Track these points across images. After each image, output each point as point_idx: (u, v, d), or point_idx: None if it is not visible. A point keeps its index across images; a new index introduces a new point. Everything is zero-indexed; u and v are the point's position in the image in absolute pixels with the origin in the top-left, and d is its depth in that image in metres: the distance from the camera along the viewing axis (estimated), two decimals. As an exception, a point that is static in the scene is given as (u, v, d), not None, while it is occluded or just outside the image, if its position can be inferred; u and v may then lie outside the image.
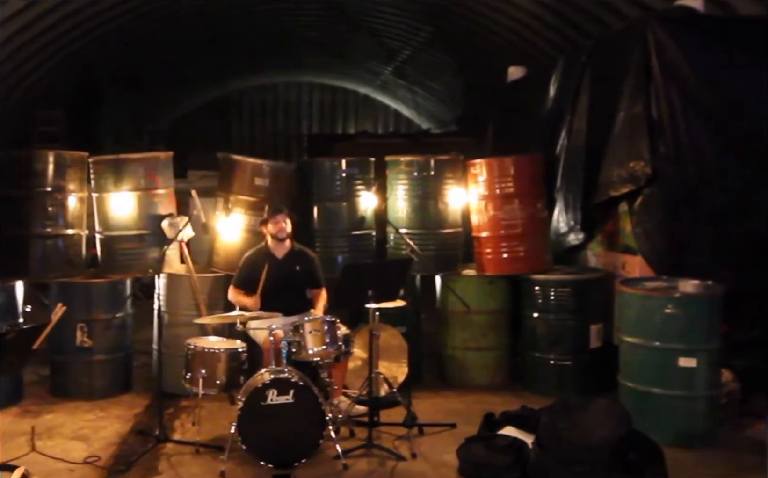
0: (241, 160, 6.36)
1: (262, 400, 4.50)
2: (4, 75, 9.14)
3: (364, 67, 15.11)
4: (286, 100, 16.56)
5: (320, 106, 16.75)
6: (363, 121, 16.57)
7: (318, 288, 5.63)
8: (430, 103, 15.33)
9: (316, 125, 16.54)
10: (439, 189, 6.41)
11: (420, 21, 11.03)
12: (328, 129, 16.33)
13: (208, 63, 13.42)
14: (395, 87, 15.50)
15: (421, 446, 4.89)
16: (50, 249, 5.91)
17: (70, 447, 4.74)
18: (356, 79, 16.11)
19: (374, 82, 15.76)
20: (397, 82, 15.10)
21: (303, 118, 16.62)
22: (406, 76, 14.52)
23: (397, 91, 15.74)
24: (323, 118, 16.76)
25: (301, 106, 16.64)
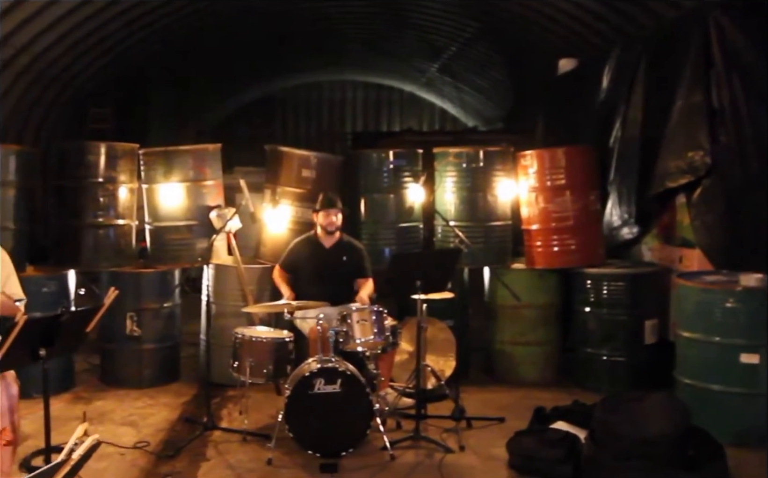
0: (289, 152, 6.44)
1: (310, 389, 4.54)
2: (56, 73, 9.45)
3: (409, 64, 15.12)
4: (331, 99, 16.68)
5: (364, 105, 16.83)
6: (408, 120, 16.58)
7: (364, 279, 5.65)
8: (477, 101, 15.25)
9: (360, 124, 16.63)
10: (488, 181, 6.38)
11: (467, 16, 10.98)
12: (373, 128, 16.40)
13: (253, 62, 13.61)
14: (441, 84, 15.46)
15: (469, 439, 4.87)
16: (101, 239, 6.08)
17: (120, 432, 4.86)
18: (401, 77, 16.14)
19: (419, 79, 15.75)
20: (442, 79, 15.06)
21: (347, 117, 16.72)
22: (452, 73, 14.46)
23: (443, 89, 15.70)
24: (367, 116, 16.84)
25: (345, 105, 16.75)
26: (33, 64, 8.62)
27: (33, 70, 8.77)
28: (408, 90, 16.67)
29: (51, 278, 5.60)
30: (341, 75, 16.26)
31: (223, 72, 13.74)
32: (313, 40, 13.15)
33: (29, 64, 8.59)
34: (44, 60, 8.75)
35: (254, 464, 4.47)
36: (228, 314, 5.85)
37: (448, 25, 11.67)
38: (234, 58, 13.04)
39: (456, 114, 16.64)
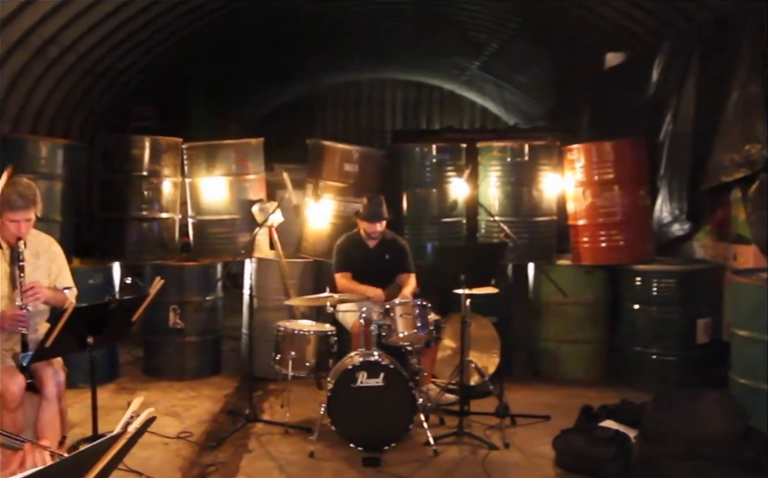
0: (331, 146, 6.47)
1: (352, 382, 4.54)
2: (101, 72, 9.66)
3: (450, 62, 15.05)
4: (370, 97, 16.70)
5: (404, 103, 16.80)
6: (447, 118, 16.50)
7: (407, 274, 5.63)
8: (519, 98, 15.11)
9: (399, 122, 16.60)
10: (533, 176, 6.33)
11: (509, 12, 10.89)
12: (413, 126, 16.37)
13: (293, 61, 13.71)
14: (482, 82, 15.36)
15: (513, 436, 4.82)
16: (145, 232, 6.20)
17: (163, 423, 4.93)
18: (441, 75, 16.08)
19: (460, 77, 15.67)
20: (483, 76, 14.96)
21: (387, 115, 16.72)
22: (493, 70, 14.36)
23: (484, 87, 15.60)
24: (407, 115, 16.81)
25: (385, 103, 16.75)
26: (78, 62, 8.82)
27: (78, 68, 8.96)
28: (448, 88, 16.60)
29: (96, 271, 5.73)
30: (381, 73, 16.27)
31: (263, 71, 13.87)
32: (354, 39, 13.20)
33: (75, 63, 8.79)
34: (89, 59, 8.94)
35: (296, 456, 4.49)
36: (269, 308, 5.90)
37: (489, 21, 11.60)
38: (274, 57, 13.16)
39: (497, 112, 16.51)
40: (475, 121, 16.68)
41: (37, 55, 7.96)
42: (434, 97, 16.76)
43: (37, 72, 8.23)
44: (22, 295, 3.73)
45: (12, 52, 7.48)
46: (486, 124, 16.31)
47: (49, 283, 4.00)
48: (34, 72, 8.18)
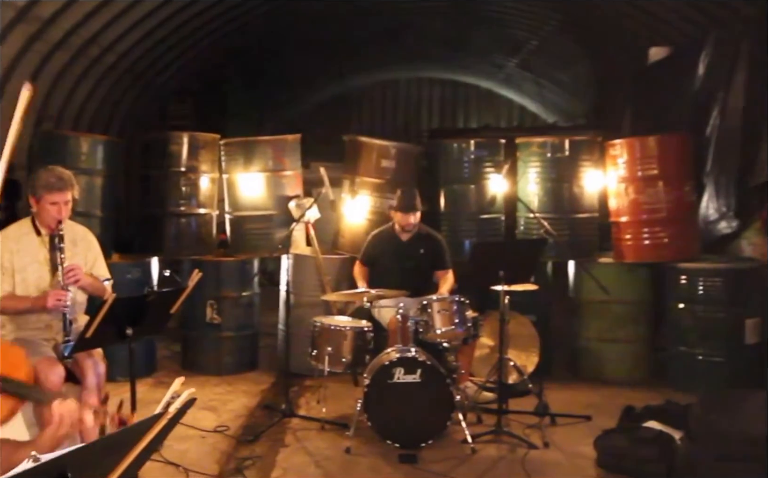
0: (368, 142, 6.49)
1: (389, 378, 4.54)
2: (140, 71, 9.85)
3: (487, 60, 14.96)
4: (406, 96, 16.70)
5: (441, 102, 16.76)
6: (484, 117, 16.40)
7: (444, 271, 5.61)
8: (558, 96, 14.95)
9: (436, 121, 16.56)
10: (573, 171, 6.26)
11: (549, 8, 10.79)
12: (450, 125, 16.32)
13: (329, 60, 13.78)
14: (520, 80, 15.24)
15: (553, 436, 4.76)
16: (183, 227, 6.30)
17: (200, 416, 4.99)
18: (478, 73, 16.00)
19: (497, 75, 15.57)
20: (522, 74, 14.84)
21: (423, 114, 16.69)
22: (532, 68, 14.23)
23: (522, 85, 15.48)
24: (444, 114, 16.76)
25: (421, 102, 16.72)
26: (118, 62, 9.01)
27: (118, 68, 9.15)
28: (485, 87, 16.51)
29: (135, 265, 5.83)
30: (417, 72, 16.26)
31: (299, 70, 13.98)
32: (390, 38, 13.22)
33: (115, 63, 8.98)
34: (128, 59, 9.12)
35: (332, 451, 4.50)
36: (306, 304, 5.93)
37: (528, 17, 11.50)
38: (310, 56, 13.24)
39: (535, 110, 16.37)
40: (512, 119, 16.56)
41: (79, 55, 8.16)
42: (471, 96, 16.68)
43: (78, 71, 8.43)
44: (63, 276, 3.81)
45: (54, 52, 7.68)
46: (524, 123, 16.18)
47: (86, 270, 4.07)
48: (76, 71, 8.38)
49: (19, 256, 3.92)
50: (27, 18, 6.89)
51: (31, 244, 3.96)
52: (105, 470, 1.64)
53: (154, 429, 1.68)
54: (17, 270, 3.91)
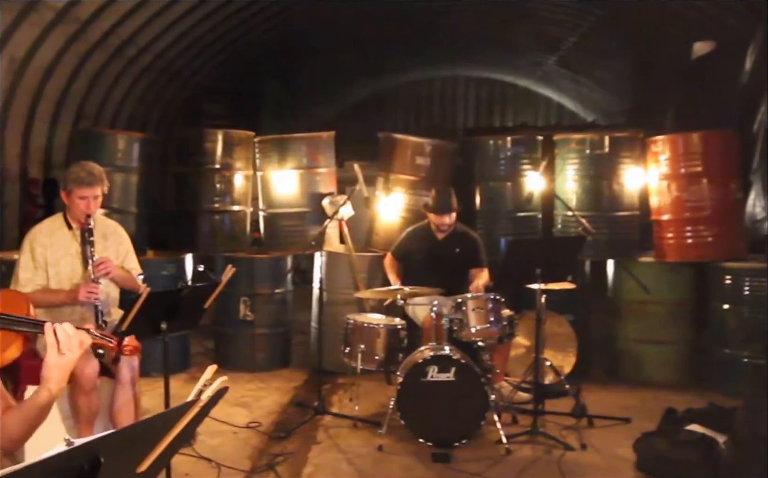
0: (403, 139, 6.48)
1: (422, 376, 4.53)
2: (176, 70, 10.01)
3: (525, 58, 14.84)
4: (442, 95, 16.66)
5: (476, 101, 16.69)
6: (522, 116, 16.29)
7: (479, 269, 5.57)
8: (597, 94, 14.76)
9: (472, 120, 16.50)
10: (613, 168, 6.18)
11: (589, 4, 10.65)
12: (485, 123, 16.24)
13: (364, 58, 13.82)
14: (558, 78, 15.08)
15: (591, 438, 4.69)
16: (217, 224, 6.37)
17: (233, 412, 5.04)
18: (515, 71, 15.89)
19: (535, 73, 15.43)
20: (560, 72, 14.68)
21: (459, 113, 16.64)
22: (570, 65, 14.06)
23: (561, 83, 15.31)
24: (480, 112, 16.68)
25: (457, 101, 16.68)
26: (155, 62, 9.17)
27: (155, 67, 9.33)
28: (522, 85, 16.39)
29: (169, 261, 5.91)
30: (453, 70, 16.22)
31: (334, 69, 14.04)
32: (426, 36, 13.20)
33: (151, 62, 9.14)
34: (165, 58, 9.29)
35: (365, 449, 4.50)
36: (339, 301, 5.95)
37: (567, 14, 11.37)
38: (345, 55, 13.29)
39: (574, 109, 16.19)
40: (550, 118, 16.41)
41: (116, 54, 8.33)
42: (508, 94, 16.58)
43: (116, 71, 8.61)
44: (94, 269, 3.87)
45: (92, 52, 7.85)
46: (562, 122, 16.01)
47: (118, 264, 4.14)
48: (113, 71, 8.56)
49: (52, 250, 4.01)
50: (66, 19, 7.06)
51: (64, 238, 4.04)
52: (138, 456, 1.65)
53: (186, 417, 1.69)
54: (50, 264, 3.99)
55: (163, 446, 1.68)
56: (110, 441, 1.54)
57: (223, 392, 1.76)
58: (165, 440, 1.68)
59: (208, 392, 1.68)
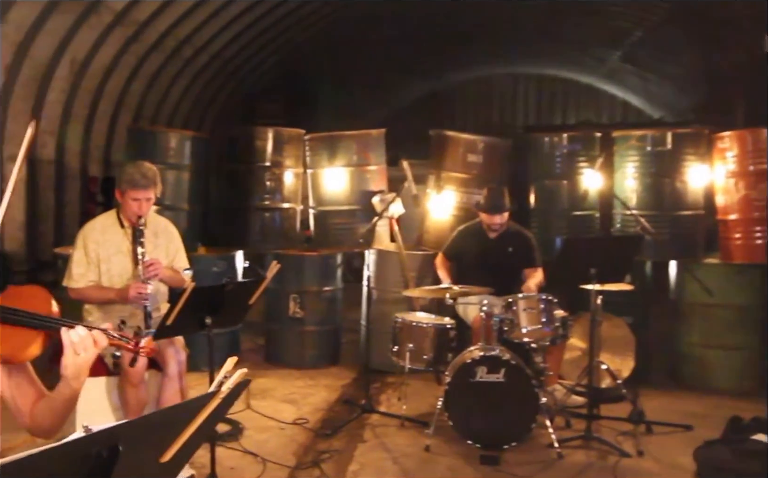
0: (454, 136, 6.44)
1: (471, 377, 4.47)
2: (231, 71, 10.20)
3: (588, 53, 14.54)
4: (502, 93, 16.47)
5: (537, 98, 16.44)
6: (585, 114, 15.95)
7: (533, 268, 5.47)
8: (665, 90, 14.34)
9: (532, 118, 16.26)
10: (676, 166, 6.00)
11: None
12: (547, 122, 15.98)
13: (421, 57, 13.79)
14: (623, 74, 14.72)
15: (648, 444, 4.55)
16: (267, 222, 6.46)
17: (280, 408, 5.10)
18: (578, 68, 15.58)
19: (599, 69, 15.10)
20: (625, 68, 14.32)
21: (519, 111, 16.42)
22: (636, 61, 13.71)
23: (626, 79, 14.94)
24: (540, 110, 16.43)
25: (517, 99, 16.46)
26: (211, 62, 9.38)
27: (211, 68, 9.55)
28: (585, 81, 16.06)
29: (220, 258, 6.00)
30: (513, 68, 16.01)
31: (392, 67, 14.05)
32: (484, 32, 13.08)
33: (208, 62, 9.35)
34: (221, 58, 9.50)
35: (411, 449, 4.48)
36: (389, 300, 5.94)
37: (633, 7, 11.09)
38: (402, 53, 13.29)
39: (640, 106, 15.78)
40: (615, 116, 16.03)
41: (173, 55, 8.55)
42: (570, 92, 16.27)
43: (173, 72, 8.85)
44: (144, 270, 3.96)
45: (150, 53, 8.08)
46: (627, 119, 15.62)
47: (168, 262, 4.22)
48: (170, 72, 8.79)
49: (104, 247, 4.11)
50: (125, 21, 7.28)
51: (116, 235, 4.15)
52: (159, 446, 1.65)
53: (207, 408, 1.68)
54: (102, 260, 4.10)
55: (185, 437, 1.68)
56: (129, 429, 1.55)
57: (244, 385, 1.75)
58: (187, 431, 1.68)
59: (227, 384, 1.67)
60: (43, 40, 6.39)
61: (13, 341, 2.04)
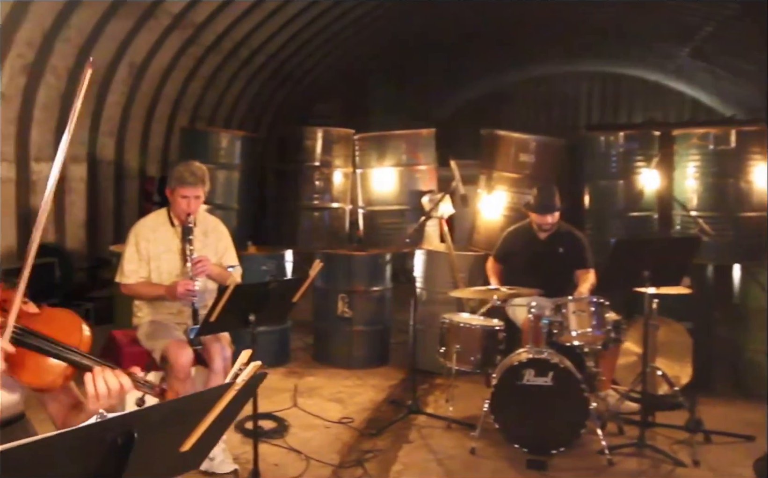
0: (506, 135, 6.37)
1: (518, 379, 4.42)
2: (288, 72, 10.36)
3: (655, 50, 14.17)
4: (563, 93, 16.18)
5: (601, 97, 16.09)
6: (651, 112, 15.53)
7: (585, 270, 5.37)
8: (738, 88, 13.85)
9: (595, 117, 15.92)
10: (740, 165, 5.80)
11: (727, -11, 10.02)
12: (611, 121, 15.62)
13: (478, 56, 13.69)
14: (693, 71, 14.28)
15: (706, 454, 4.42)
16: (316, 221, 6.53)
17: (327, 407, 5.16)
18: (644, 65, 15.19)
19: (666, 66, 14.69)
20: (695, 64, 13.89)
21: (581, 111, 16.10)
22: (706, 57, 13.28)
23: (695, 76, 14.49)
24: (604, 109, 16.07)
25: (579, 98, 16.14)
26: (267, 63, 9.54)
27: (267, 69, 9.71)
28: (652, 79, 15.64)
29: (269, 257, 6.10)
30: (575, 66, 15.72)
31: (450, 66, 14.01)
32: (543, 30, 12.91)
33: (264, 64, 9.51)
34: (277, 59, 9.65)
35: (456, 451, 4.47)
36: (439, 301, 5.93)
37: (702, 2, 10.75)
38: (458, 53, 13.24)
39: (710, 104, 15.27)
40: (683, 114, 15.55)
41: (230, 57, 8.73)
42: (636, 90, 15.87)
43: (230, 73, 9.04)
44: (192, 267, 4.06)
45: (207, 54, 8.28)
46: (697, 118, 15.14)
47: (216, 260, 4.32)
48: (227, 73, 8.98)
49: (155, 245, 4.24)
50: (182, 24, 7.48)
51: (166, 234, 4.27)
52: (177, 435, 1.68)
53: (223, 399, 1.70)
54: (152, 257, 4.23)
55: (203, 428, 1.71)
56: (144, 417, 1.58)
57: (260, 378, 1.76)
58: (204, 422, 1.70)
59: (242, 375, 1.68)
60: (103, 44, 6.62)
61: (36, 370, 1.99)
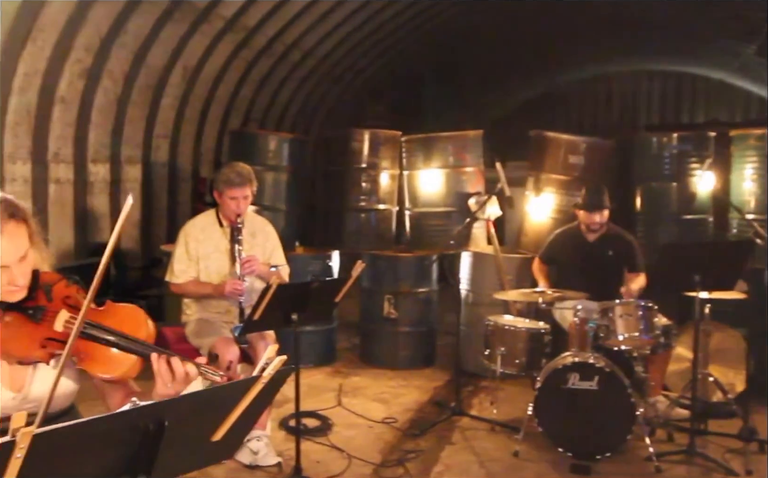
0: (555, 137, 6.35)
1: (563, 383, 4.42)
2: (338, 74, 10.49)
3: (718, 47, 13.81)
4: (621, 92, 15.93)
5: (661, 96, 15.77)
6: (715, 112, 15.15)
7: (635, 273, 5.30)
8: (810, 85, 13.40)
9: (656, 117, 15.61)
10: (800, 167, 5.62)
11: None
12: (673, 121, 15.30)
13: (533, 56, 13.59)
14: (759, 67, 13.86)
15: (760, 464, 4.33)
16: (363, 222, 6.63)
17: (370, 407, 5.24)
18: (707, 63, 14.83)
19: (731, 64, 14.31)
20: (761, 62, 13.48)
21: (641, 111, 15.81)
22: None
23: (762, 73, 14.07)
24: (665, 109, 15.75)
25: (639, 97, 15.86)
26: (318, 66, 9.70)
27: (318, 71, 9.86)
28: (716, 77, 15.26)
29: (316, 258, 6.21)
30: (634, 64, 15.47)
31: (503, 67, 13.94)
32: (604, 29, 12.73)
33: (315, 66, 9.67)
34: (328, 62, 9.79)
35: (500, 453, 4.49)
36: (485, 303, 5.93)
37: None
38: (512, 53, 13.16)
39: (779, 103, 14.80)
40: (750, 113, 15.12)
41: (281, 59, 8.91)
42: (699, 89, 15.52)
43: (281, 75, 9.22)
44: (240, 266, 4.19)
45: (259, 57, 8.47)
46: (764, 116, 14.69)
47: (264, 260, 4.45)
48: (279, 75, 9.16)
49: (204, 245, 4.39)
50: (235, 27, 7.68)
51: (215, 234, 4.41)
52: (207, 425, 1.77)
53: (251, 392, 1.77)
54: (201, 258, 4.38)
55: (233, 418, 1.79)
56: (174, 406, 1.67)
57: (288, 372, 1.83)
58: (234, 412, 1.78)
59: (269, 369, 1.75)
60: (158, 48, 6.86)
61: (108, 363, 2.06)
